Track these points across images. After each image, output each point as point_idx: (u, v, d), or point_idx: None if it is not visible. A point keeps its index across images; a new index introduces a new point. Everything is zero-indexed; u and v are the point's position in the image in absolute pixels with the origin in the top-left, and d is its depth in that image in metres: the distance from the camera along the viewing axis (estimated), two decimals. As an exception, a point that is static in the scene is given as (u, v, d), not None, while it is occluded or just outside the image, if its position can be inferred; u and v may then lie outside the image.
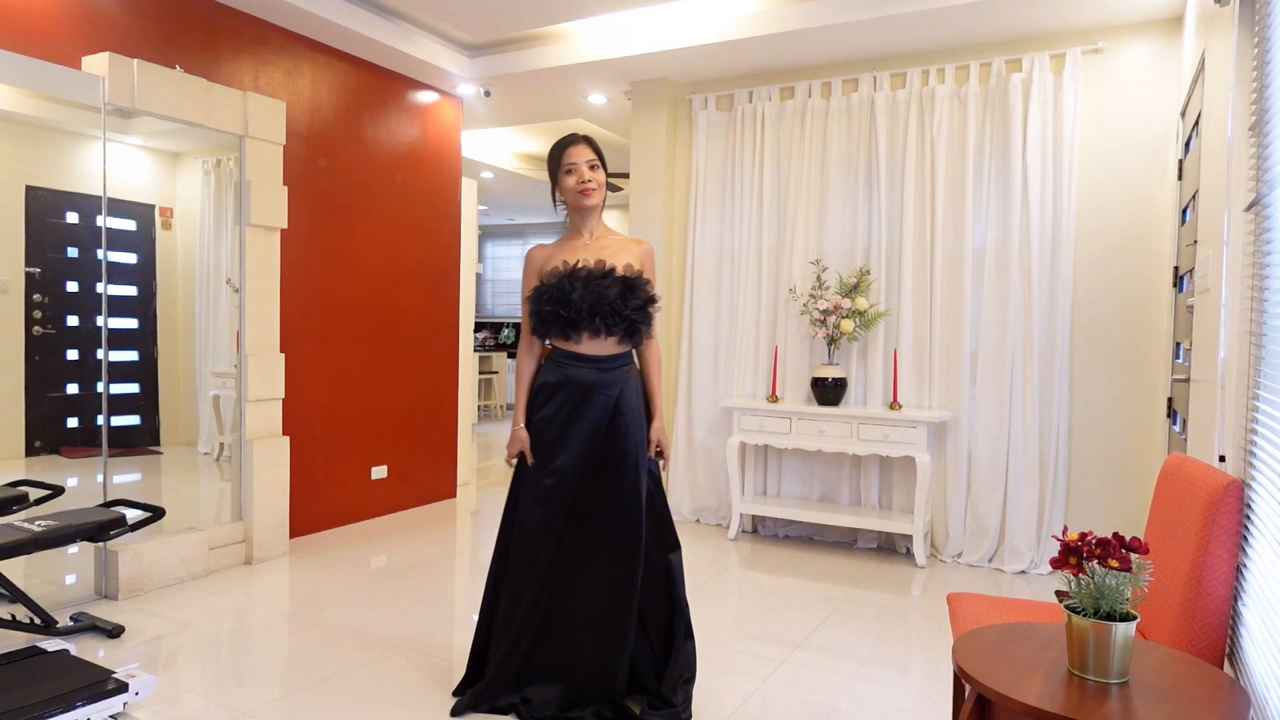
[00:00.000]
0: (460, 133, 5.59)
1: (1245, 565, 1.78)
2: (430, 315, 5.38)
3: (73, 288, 3.55)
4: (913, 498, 4.33)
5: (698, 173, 5.00)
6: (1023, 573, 4.12)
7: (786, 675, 2.86)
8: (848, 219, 4.58)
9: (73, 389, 3.57)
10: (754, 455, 4.82)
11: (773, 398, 4.62)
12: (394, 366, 5.10)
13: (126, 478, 3.82)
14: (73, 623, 3.10)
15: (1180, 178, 3.68)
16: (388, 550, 4.33)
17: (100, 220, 3.47)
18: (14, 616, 2.96)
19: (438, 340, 5.46)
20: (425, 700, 2.60)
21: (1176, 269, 3.69)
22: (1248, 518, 1.79)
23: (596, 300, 2.41)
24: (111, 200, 3.61)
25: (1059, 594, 1.93)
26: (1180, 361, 3.35)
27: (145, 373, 3.93)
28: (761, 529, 4.85)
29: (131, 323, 3.87)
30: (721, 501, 4.92)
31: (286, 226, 4.15)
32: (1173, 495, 2.02)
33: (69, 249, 3.56)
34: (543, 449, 2.49)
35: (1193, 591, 1.76)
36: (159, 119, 3.62)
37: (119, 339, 3.81)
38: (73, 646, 2.74)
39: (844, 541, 4.64)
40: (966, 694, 1.67)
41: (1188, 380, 2.96)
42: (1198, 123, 3.01)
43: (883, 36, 4.26)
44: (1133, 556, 1.56)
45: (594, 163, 2.52)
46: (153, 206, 3.95)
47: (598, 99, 5.52)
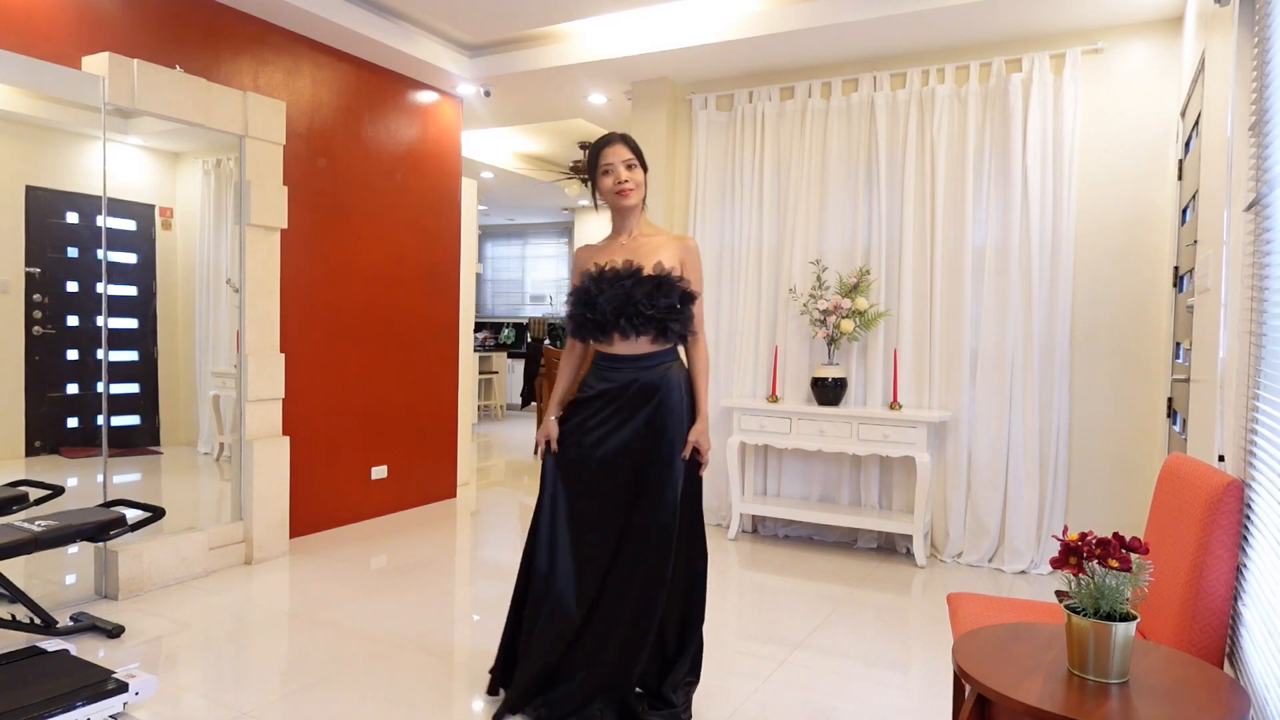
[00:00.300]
0: (460, 133, 5.59)
1: (1245, 565, 1.78)
2: (430, 315, 5.38)
3: (73, 288, 3.55)
4: (913, 498, 4.33)
5: (698, 173, 5.00)
6: (1023, 573, 4.12)
7: (786, 675, 2.86)
8: (848, 219, 4.58)
9: (73, 389, 3.57)
10: (754, 455, 4.82)
11: (773, 398, 4.62)
12: (394, 366, 5.10)
13: (126, 478, 3.82)
14: (73, 623, 3.10)
15: (1180, 178, 3.67)
16: (388, 550, 4.33)
17: (100, 220, 3.47)
18: (14, 616, 2.96)
19: (438, 340, 5.46)
20: (425, 700, 2.60)
21: (1176, 269, 3.69)
22: (1248, 518, 1.79)
23: (622, 302, 2.38)
24: (111, 200, 3.61)
25: (1059, 594, 1.93)
26: (1180, 361, 3.35)
27: (145, 373, 3.93)
28: (761, 529, 4.85)
29: (131, 323, 3.87)
30: (721, 501, 4.92)
31: (286, 226, 4.15)
32: (1173, 495, 2.02)
33: (69, 249, 3.56)
34: (581, 450, 2.47)
35: (1193, 591, 1.76)
36: (159, 119, 3.62)
37: (119, 339, 3.81)
38: (73, 646, 2.74)
39: (844, 541, 4.64)
40: (966, 694, 1.67)
41: (1188, 380, 2.96)
42: (1198, 123, 3.01)
43: (883, 36, 4.26)
44: (1133, 556, 1.56)
45: (630, 162, 2.48)
46: (153, 206, 3.95)
47: (598, 99, 5.52)
